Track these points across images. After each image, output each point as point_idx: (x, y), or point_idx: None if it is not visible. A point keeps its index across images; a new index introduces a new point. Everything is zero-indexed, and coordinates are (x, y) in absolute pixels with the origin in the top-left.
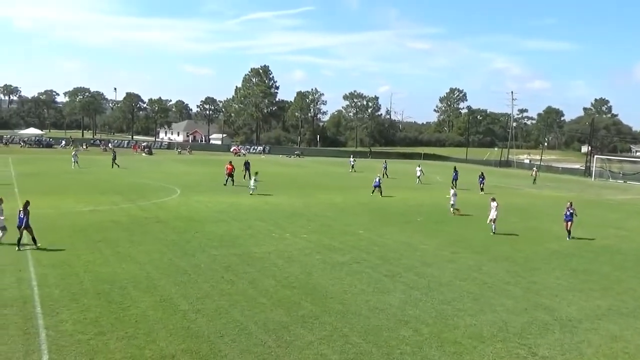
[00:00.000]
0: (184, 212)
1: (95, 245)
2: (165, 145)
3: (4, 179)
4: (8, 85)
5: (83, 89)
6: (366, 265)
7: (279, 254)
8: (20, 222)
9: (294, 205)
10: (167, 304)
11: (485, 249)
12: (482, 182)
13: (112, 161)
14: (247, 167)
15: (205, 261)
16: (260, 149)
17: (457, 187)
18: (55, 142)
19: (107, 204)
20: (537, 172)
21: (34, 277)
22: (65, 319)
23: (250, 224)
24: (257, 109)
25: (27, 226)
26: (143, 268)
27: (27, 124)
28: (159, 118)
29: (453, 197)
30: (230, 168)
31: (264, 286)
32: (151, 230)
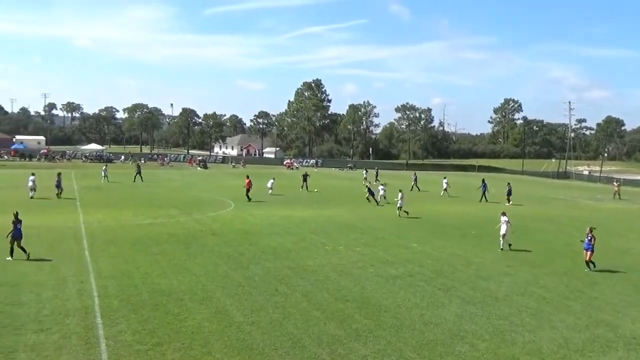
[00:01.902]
0: (238, 225)
1: (153, 257)
2: (220, 159)
3: (67, 193)
4: (71, 102)
5: (141, 105)
6: (420, 279)
7: (333, 267)
8: (17, 232)
9: (346, 218)
10: (222, 316)
11: (543, 263)
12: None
13: (136, 175)
14: (305, 179)
15: (260, 274)
16: (312, 162)
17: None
18: (115, 157)
19: (164, 217)
20: (619, 185)
21: (95, 288)
22: (124, 329)
23: (303, 237)
24: (310, 123)
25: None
26: (199, 280)
27: (88, 140)
28: (214, 132)
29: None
30: (248, 182)
31: (317, 299)
32: (206, 242)
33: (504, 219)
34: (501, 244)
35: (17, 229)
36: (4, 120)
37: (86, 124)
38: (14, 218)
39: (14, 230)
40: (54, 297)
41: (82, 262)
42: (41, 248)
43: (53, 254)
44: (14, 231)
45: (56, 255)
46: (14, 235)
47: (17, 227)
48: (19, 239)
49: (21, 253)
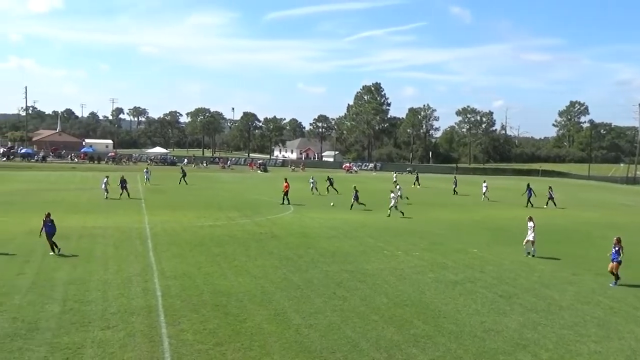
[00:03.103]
0: (297, 228)
1: (214, 258)
2: (280, 163)
3: (133, 195)
4: (137, 107)
5: (203, 110)
6: (481, 285)
7: (391, 272)
8: (51, 230)
9: (404, 222)
10: (281, 318)
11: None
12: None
13: (181, 178)
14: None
15: (318, 277)
16: (371, 165)
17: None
18: (178, 160)
19: (224, 219)
20: None
21: (158, 287)
22: (186, 328)
23: (361, 241)
24: (369, 126)
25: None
26: (258, 282)
27: (153, 143)
28: (274, 136)
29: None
30: (286, 186)
31: (375, 303)
32: (266, 245)
33: (530, 225)
34: (526, 250)
35: (49, 226)
36: (75, 125)
37: (151, 127)
38: (44, 218)
39: (46, 228)
40: (120, 295)
41: (146, 262)
42: (108, 247)
43: (119, 254)
44: (46, 229)
45: (122, 254)
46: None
47: (48, 224)
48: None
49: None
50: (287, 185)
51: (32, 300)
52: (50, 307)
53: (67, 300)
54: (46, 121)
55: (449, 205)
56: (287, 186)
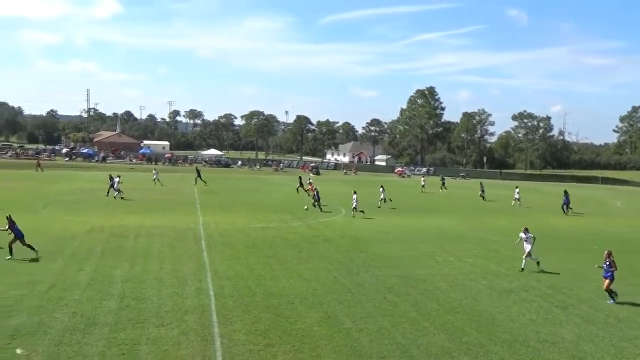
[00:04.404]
0: (348, 232)
1: (267, 260)
2: (332, 166)
3: (188, 196)
4: (193, 110)
5: (258, 113)
6: (535, 294)
7: (443, 278)
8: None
9: (457, 227)
10: (331, 321)
11: None
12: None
13: (196, 178)
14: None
15: (369, 281)
16: (424, 170)
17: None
18: (232, 162)
19: (277, 222)
20: None
21: (211, 287)
22: (238, 328)
23: (413, 246)
24: (422, 130)
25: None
26: (309, 284)
27: (208, 145)
28: (327, 139)
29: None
30: (312, 186)
31: (426, 309)
32: (318, 248)
33: (526, 236)
34: (523, 264)
35: (16, 229)
36: (134, 126)
37: (206, 130)
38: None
39: (15, 232)
40: (174, 294)
41: (200, 262)
42: (164, 246)
43: (174, 253)
44: (15, 233)
45: (177, 254)
46: (16, 236)
47: (15, 227)
48: (21, 239)
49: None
50: (311, 185)
51: (90, 296)
52: (108, 303)
53: (124, 297)
54: (107, 123)
55: (502, 212)
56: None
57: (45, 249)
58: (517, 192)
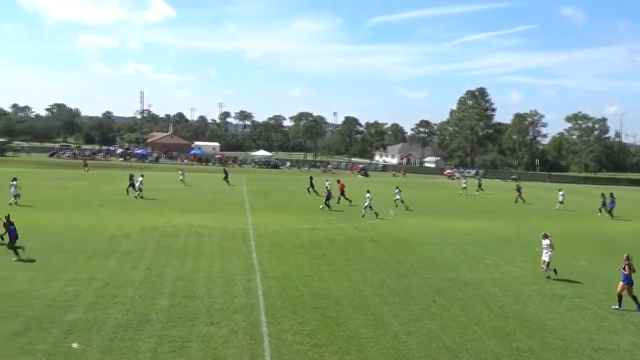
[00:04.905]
0: (396, 234)
1: (314, 261)
2: (380, 168)
3: (238, 196)
4: (243, 111)
5: (306, 114)
6: (589, 301)
7: (493, 282)
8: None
9: (508, 231)
10: (379, 323)
11: None
12: (611, 205)
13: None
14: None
15: (417, 284)
16: (473, 172)
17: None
18: (281, 163)
19: (324, 223)
20: None
21: (260, 287)
22: (286, 328)
23: (462, 249)
24: (473, 132)
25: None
26: (357, 286)
27: (257, 146)
28: (375, 141)
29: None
30: (342, 185)
31: (476, 314)
32: (365, 249)
33: (546, 242)
34: (545, 271)
35: (12, 230)
36: (185, 128)
37: (256, 131)
38: (5, 220)
39: (9, 233)
40: (224, 293)
41: (249, 262)
42: (214, 246)
43: (224, 253)
44: (10, 233)
45: (227, 253)
46: (10, 237)
47: (10, 228)
48: (13, 241)
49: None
50: (342, 185)
51: (143, 294)
52: (159, 300)
53: (175, 295)
54: (159, 124)
55: (553, 215)
56: (342, 186)
57: (102, 248)
58: (561, 195)
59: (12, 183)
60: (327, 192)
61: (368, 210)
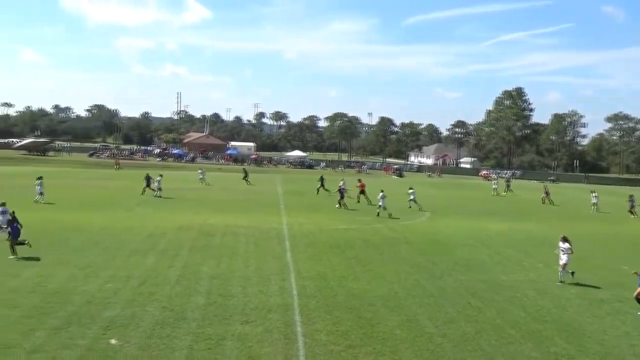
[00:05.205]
0: (431, 235)
1: (348, 261)
2: (415, 168)
3: (273, 197)
4: (278, 112)
5: (341, 114)
6: (631, 306)
7: (530, 285)
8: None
9: (543, 232)
10: (413, 325)
11: None
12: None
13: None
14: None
15: (452, 285)
16: (510, 173)
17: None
18: (315, 164)
19: (359, 223)
20: None
21: (295, 287)
22: (320, 328)
23: (498, 251)
24: (509, 132)
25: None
26: (391, 287)
27: (292, 147)
28: (410, 141)
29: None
30: (363, 185)
31: (512, 317)
32: (400, 250)
33: (563, 246)
34: (560, 276)
35: (14, 227)
36: (221, 128)
37: (291, 131)
38: (10, 217)
39: (12, 230)
40: (259, 292)
41: (283, 262)
42: (249, 245)
43: (259, 252)
44: (12, 230)
45: (262, 253)
46: (12, 234)
47: (13, 225)
48: (15, 238)
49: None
50: (362, 185)
51: (179, 292)
52: (195, 299)
53: (211, 293)
54: (196, 125)
55: (587, 217)
56: (363, 185)
57: (140, 246)
58: (595, 197)
59: (38, 182)
60: (340, 191)
61: (382, 209)
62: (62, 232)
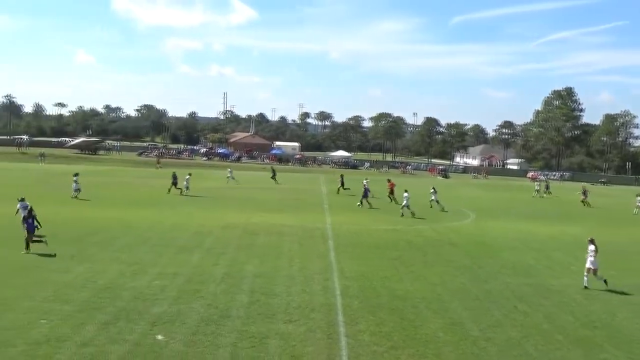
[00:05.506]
0: (477, 237)
1: (392, 262)
2: (461, 169)
3: (317, 196)
4: (323, 112)
5: (386, 115)
6: None
7: (579, 289)
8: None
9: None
10: (457, 328)
11: None
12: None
13: (273, 176)
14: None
15: (498, 288)
16: (558, 175)
17: None
18: (359, 164)
19: (402, 224)
20: None
21: (338, 287)
22: (363, 329)
23: (546, 254)
24: (559, 133)
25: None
26: (435, 289)
27: (336, 147)
28: (456, 142)
29: None
30: (392, 185)
31: (560, 322)
32: (444, 252)
33: (591, 248)
34: (585, 281)
35: (30, 223)
36: (266, 128)
37: (335, 131)
38: (26, 213)
39: (28, 225)
40: (302, 291)
41: (327, 261)
42: (293, 245)
43: (303, 251)
44: (28, 226)
45: (305, 252)
46: (28, 229)
47: (28, 221)
48: (31, 233)
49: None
50: (392, 184)
51: (224, 290)
52: (240, 297)
53: (255, 292)
54: (241, 124)
55: (635, 221)
56: (392, 185)
57: (186, 244)
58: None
59: (74, 178)
60: (365, 189)
61: (405, 209)
62: (114, 229)
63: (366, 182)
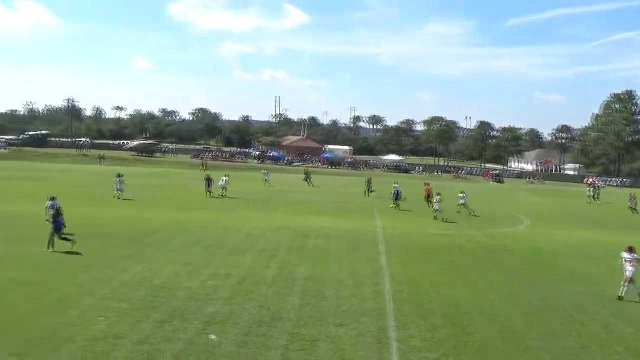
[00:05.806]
0: (532, 244)
1: (444, 267)
2: (515, 174)
3: (368, 200)
4: (374, 115)
5: (438, 119)
6: None
7: None
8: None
9: None
10: (511, 336)
11: None
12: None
13: (306, 179)
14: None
15: (554, 297)
16: (618, 181)
17: None
18: (411, 168)
19: (454, 229)
20: None
21: (388, 291)
22: (414, 335)
23: (607, 263)
24: (619, 138)
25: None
26: (487, 296)
27: (388, 151)
28: (510, 146)
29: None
30: (429, 189)
31: (620, 333)
32: (497, 258)
33: (631, 256)
34: (623, 291)
35: (59, 222)
36: (318, 131)
37: (387, 135)
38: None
39: (56, 223)
40: (352, 295)
41: (377, 266)
42: (343, 248)
43: (353, 255)
44: (56, 224)
45: (356, 256)
46: (56, 228)
47: (58, 220)
48: (59, 231)
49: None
50: (429, 189)
51: (276, 292)
52: (291, 299)
53: (306, 294)
54: (294, 128)
55: None
56: (429, 189)
57: (239, 245)
58: None
59: (118, 179)
60: (396, 192)
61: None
62: (172, 231)
63: (397, 185)
